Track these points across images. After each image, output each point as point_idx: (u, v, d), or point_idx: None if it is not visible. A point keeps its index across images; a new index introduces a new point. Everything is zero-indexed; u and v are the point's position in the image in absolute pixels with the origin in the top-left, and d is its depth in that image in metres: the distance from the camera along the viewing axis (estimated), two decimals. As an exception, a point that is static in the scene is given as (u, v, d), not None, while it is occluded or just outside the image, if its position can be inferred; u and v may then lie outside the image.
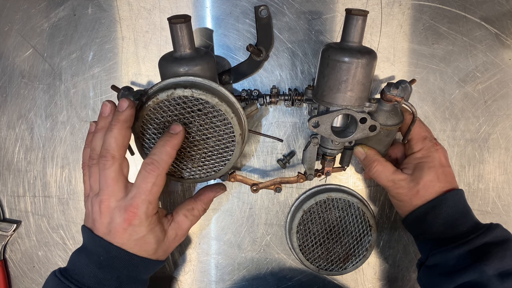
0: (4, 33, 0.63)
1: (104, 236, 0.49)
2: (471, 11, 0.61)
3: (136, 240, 0.49)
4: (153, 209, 0.49)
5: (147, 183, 0.47)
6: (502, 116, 0.64)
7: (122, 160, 0.48)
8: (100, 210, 0.48)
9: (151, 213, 0.49)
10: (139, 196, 0.47)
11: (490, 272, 0.47)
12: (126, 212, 0.47)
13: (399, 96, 0.51)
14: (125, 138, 0.48)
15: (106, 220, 0.48)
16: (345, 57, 0.48)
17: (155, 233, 0.50)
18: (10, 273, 0.70)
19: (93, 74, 0.64)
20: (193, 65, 0.50)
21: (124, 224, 0.48)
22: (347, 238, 0.64)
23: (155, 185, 0.48)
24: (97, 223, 0.49)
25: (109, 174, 0.47)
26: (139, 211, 0.47)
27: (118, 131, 0.47)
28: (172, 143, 0.48)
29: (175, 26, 0.49)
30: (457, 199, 0.53)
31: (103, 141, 0.48)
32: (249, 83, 0.63)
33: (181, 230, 0.54)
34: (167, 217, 0.54)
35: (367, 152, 0.57)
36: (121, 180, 0.48)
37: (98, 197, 0.49)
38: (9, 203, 0.68)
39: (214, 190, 0.59)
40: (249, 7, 0.60)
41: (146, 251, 0.50)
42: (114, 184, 0.48)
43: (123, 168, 0.49)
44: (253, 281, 0.70)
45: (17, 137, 0.66)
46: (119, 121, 0.47)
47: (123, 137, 0.47)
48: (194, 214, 0.56)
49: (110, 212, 0.48)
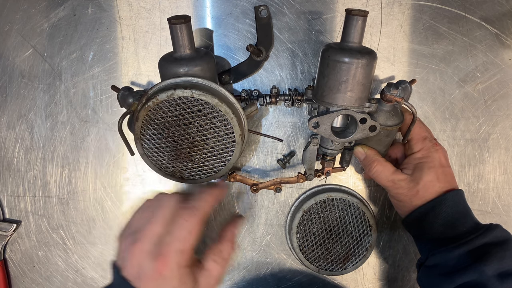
0: (4, 33, 0.63)
1: (133, 280, 0.44)
2: (471, 11, 0.61)
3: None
4: (186, 260, 0.45)
5: (182, 230, 0.44)
6: (502, 116, 0.64)
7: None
8: (133, 251, 0.44)
9: (184, 263, 0.45)
10: (173, 244, 0.44)
11: (489, 272, 0.47)
12: (156, 260, 0.43)
13: (399, 96, 0.51)
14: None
15: (136, 263, 0.44)
16: (345, 58, 0.48)
17: (186, 285, 0.45)
18: (10, 273, 0.70)
19: (93, 74, 0.64)
20: (193, 65, 0.50)
21: (154, 274, 0.43)
22: (347, 238, 0.64)
23: (191, 234, 0.44)
24: (127, 264, 0.45)
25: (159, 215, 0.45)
26: (171, 261, 0.43)
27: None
28: (215, 194, 0.48)
29: (175, 27, 0.49)
30: (457, 199, 0.53)
31: None
32: (249, 83, 0.63)
33: (213, 278, 0.49)
34: (198, 265, 0.49)
35: (367, 152, 0.57)
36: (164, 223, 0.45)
37: (134, 235, 0.45)
38: (9, 203, 0.68)
39: (235, 225, 0.55)
40: (249, 7, 0.60)
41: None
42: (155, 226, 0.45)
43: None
44: (253, 281, 0.70)
45: (17, 137, 0.66)
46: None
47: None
48: (223, 257, 0.50)
49: (142, 256, 0.44)
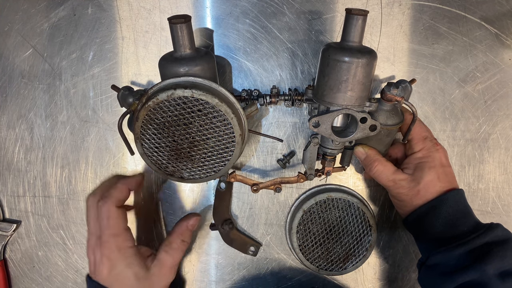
0: (4, 33, 0.63)
1: (92, 275, 0.54)
2: (471, 11, 0.61)
3: (115, 275, 0.52)
4: (123, 241, 0.53)
5: (102, 219, 0.52)
6: (502, 116, 0.64)
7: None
8: (88, 249, 0.55)
9: (122, 245, 0.52)
10: (104, 232, 0.52)
11: (490, 271, 0.47)
12: (99, 249, 0.52)
13: (399, 95, 0.51)
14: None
15: (92, 258, 0.54)
16: (346, 57, 0.48)
17: (133, 268, 0.53)
18: (10, 273, 0.70)
19: (93, 74, 0.64)
20: (193, 65, 0.50)
21: (102, 259, 0.52)
22: (347, 238, 0.64)
23: (110, 218, 0.52)
24: (88, 261, 0.55)
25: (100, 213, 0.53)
26: (110, 245, 0.52)
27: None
28: (126, 181, 0.57)
29: (175, 26, 0.49)
30: (458, 199, 0.53)
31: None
32: (249, 83, 0.63)
33: (165, 267, 0.56)
34: (151, 256, 0.56)
35: (367, 152, 0.57)
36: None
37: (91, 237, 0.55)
38: (9, 203, 0.68)
39: (187, 219, 0.61)
40: (249, 7, 0.60)
41: (127, 286, 0.52)
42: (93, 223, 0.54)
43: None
44: (253, 281, 0.70)
45: (17, 137, 0.66)
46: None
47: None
48: (173, 247, 0.57)
49: (93, 250, 0.53)
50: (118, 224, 0.53)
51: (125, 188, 0.56)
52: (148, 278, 0.54)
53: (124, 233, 0.53)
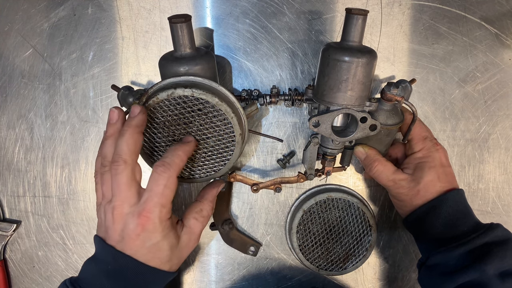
0: (4, 33, 0.63)
1: (116, 244, 0.47)
2: (471, 11, 0.61)
3: (149, 247, 0.47)
4: (166, 213, 0.48)
5: (158, 185, 0.46)
6: (502, 116, 0.64)
7: (135, 165, 0.47)
8: (113, 217, 0.47)
9: (164, 217, 0.47)
10: (152, 200, 0.46)
11: (490, 271, 0.47)
12: (139, 217, 0.46)
13: (399, 95, 0.51)
14: (137, 143, 0.47)
15: (119, 226, 0.47)
16: (346, 57, 0.48)
17: (169, 239, 0.49)
18: (10, 273, 0.70)
19: (93, 74, 0.64)
20: (193, 64, 0.50)
21: (137, 229, 0.46)
22: (347, 238, 0.64)
23: (166, 188, 0.47)
24: (110, 230, 0.47)
25: (121, 180, 0.46)
26: (153, 215, 0.46)
27: (130, 135, 0.46)
28: (185, 149, 0.49)
29: (175, 26, 0.49)
30: (458, 199, 0.53)
31: (115, 147, 0.47)
32: (249, 83, 0.63)
33: (194, 234, 0.53)
34: (178, 223, 0.52)
35: (367, 151, 0.57)
36: (134, 186, 0.47)
37: (110, 204, 0.47)
38: (9, 203, 0.68)
39: (215, 186, 0.58)
40: (249, 7, 0.60)
41: (160, 258, 0.49)
42: (127, 189, 0.46)
43: (135, 173, 0.47)
44: (253, 281, 0.70)
45: (17, 137, 0.66)
46: (131, 126, 0.46)
47: (135, 142, 0.47)
48: (203, 215, 0.54)
49: (123, 218, 0.47)
50: (170, 196, 0.48)
51: (186, 158, 0.50)
52: (180, 247, 0.51)
53: (170, 206, 0.49)
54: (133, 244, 0.47)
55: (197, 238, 0.54)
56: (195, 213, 0.54)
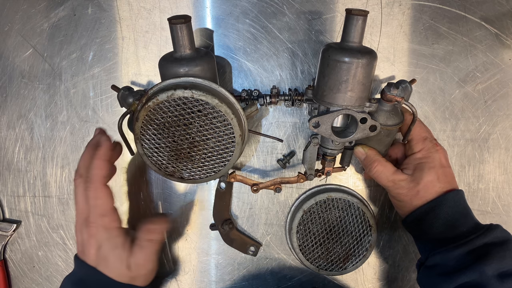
0: (4, 33, 0.63)
1: (80, 255, 0.54)
2: (471, 11, 0.61)
3: (101, 255, 0.52)
4: (110, 222, 0.53)
5: (90, 199, 0.52)
6: (502, 116, 0.64)
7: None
8: (75, 230, 0.55)
9: (109, 225, 0.53)
10: (92, 212, 0.52)
11: (489, 272, 0.47)
12: (88, 227, 0.52)
13: (399, 96, 0.51)
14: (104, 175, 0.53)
15: (79, 239, 0.54)
16: (346, 57, 0.48)
17: (117, 250, 0.53)
18: (10, 273, 0.70)
19: (93, 74, 0.63)
20: (193, 65, 0.50)
21: (89, 239, 0.52)
22: (347, 238, 0.64)
23: (98, 199, 0.52)
24: (77, 243, 0.55)
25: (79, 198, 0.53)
26: (96, 224, 0.52)
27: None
28: (99, 154, 0.53)
29: (175, 27, 0.49)
30: (457, 199, 0.53)
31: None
32: (249, 83, 0.63)
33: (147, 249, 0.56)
34: (132, 238, 0.56)
35: (367, 152, 0.57)
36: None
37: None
38: (9, 203, 0.68)
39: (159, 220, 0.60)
40: (249, 7, 0.60)
41: (114, 268, 0.53)
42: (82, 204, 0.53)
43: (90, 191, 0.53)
44: (253, 281, 0.70)
45: (17, 137, 0.66)
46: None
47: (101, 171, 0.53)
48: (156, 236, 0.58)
49: (81, 231, 0.53)
50: (105, 204, 0.52)
51: (104, 163, 0.52)
52: (130, 262, 0.54)
53: (111, 213, 0.53)
54: (89, 253, 0.52)
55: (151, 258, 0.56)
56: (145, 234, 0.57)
